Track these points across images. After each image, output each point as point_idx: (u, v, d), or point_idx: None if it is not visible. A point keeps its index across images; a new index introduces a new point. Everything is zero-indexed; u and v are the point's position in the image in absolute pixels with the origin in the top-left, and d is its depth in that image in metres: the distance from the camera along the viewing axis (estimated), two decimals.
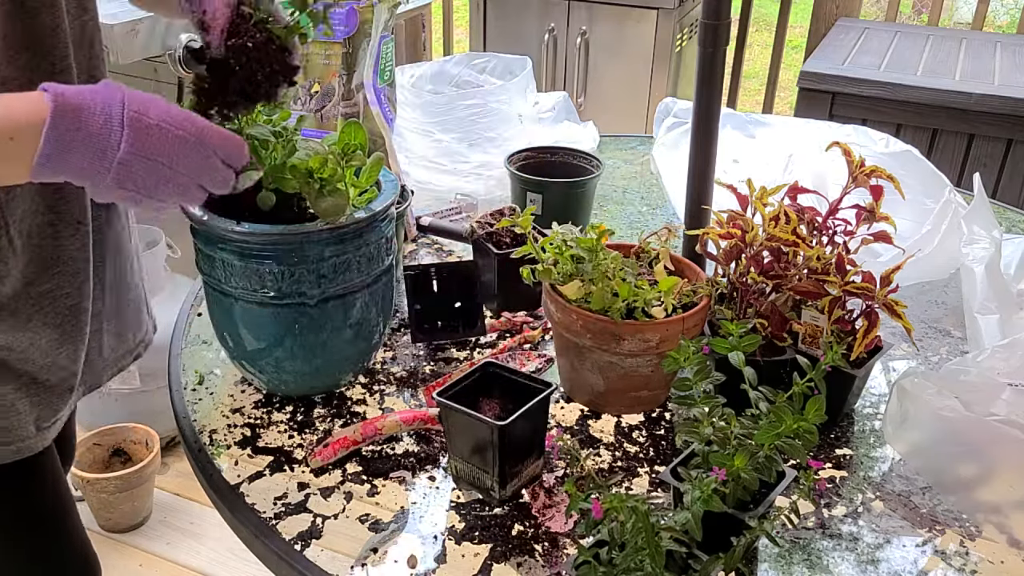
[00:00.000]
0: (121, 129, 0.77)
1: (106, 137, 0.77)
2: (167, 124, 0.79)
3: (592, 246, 1.07)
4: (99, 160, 0.77)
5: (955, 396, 1.00)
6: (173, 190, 0.81)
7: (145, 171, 0.79)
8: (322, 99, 1.46)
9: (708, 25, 1.19)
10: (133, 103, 0.78)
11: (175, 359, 1.23)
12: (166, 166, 0.80)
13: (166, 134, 0.79)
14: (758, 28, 6.32)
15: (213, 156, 0.82)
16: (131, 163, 0.78)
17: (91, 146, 0.77)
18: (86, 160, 0.77)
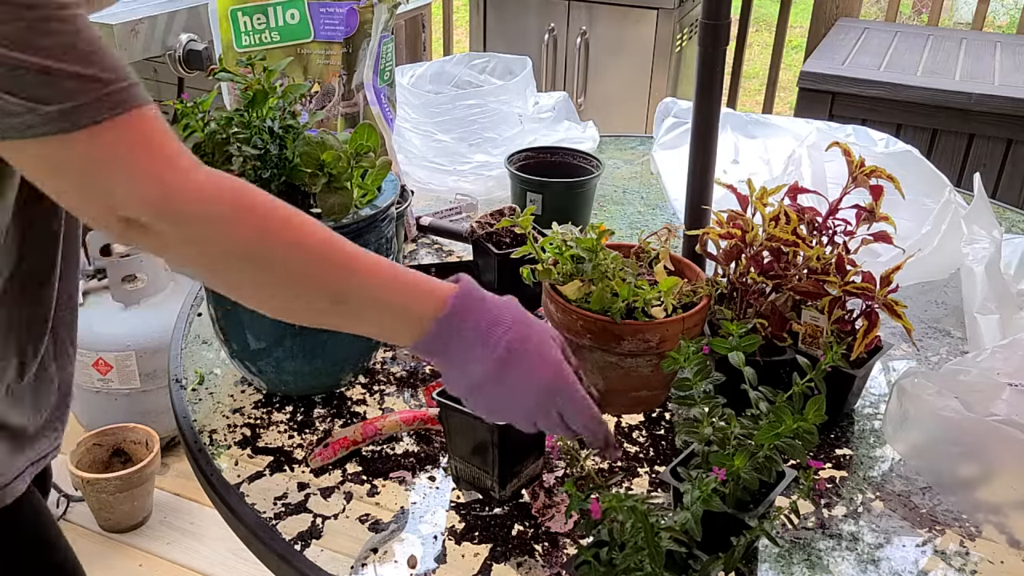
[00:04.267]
0: (494, 349, 0.81)
1: (477, 348, 0.81)
2: (533, 363, 0.82)
3: (592, 246, 1.07)
4: (461, 366, 0.82)
5: (955, 396, 1.00)
6: (511, 414, 0.85)
7: (491, 394, 0.83)
8: (322, 99, 1.46)
9: (708, 25, 1.18)
10: (519, 327, 0.82)
11: (175, 359, 1.23)
12: (510, 398, 0.83)
13: (526, 371, 0.82)
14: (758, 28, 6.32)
15: (554, 410, 0.84)
16: (485, 381, 0.82)
17: (463, 351, 0.82)
18: (455, 360, 0.82)
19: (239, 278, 0.79)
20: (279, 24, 1.42)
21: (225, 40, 1.44)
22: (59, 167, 0.72)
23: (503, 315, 0.82)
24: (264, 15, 1.41)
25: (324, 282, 0.79)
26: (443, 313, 0.80)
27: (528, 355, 0.82)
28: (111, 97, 0.70)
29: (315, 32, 1.43)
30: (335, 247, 0.79)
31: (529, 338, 0.82)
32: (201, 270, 0.80)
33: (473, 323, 0.81)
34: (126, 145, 0.71)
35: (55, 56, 0.67)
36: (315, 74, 1.45)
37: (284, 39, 1.43)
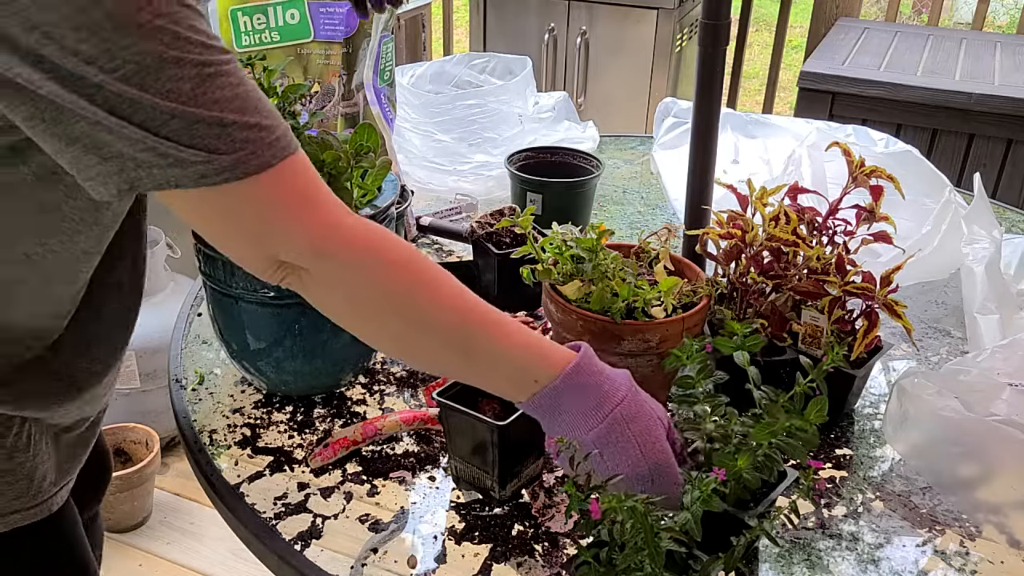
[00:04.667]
0: (601, 422, 0.83)
1: (585, 419, 0.83)
2: (638, 442, 0.84)
3: (592, 246, 1.07)
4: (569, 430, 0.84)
5: (955, 396, 1.00)
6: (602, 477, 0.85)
7: (590, 461, 0.84)
8: (322, 99, 1.46)
9: (708, 25, 1.18)
10: (629, 406, 0.84)
11: (175, 359, 1.23)
12: (609, 469, 0.84)
13: (629, 448, 0.84)
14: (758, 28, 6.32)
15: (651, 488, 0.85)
16: (586, 448, 0.83)
17: (571, 420, 0.84)
18: (560, 426, 0.84)
19: (381, 326, 0.83)
20: (279, 24, 1.42)
21: (225, 40, 1.44)
22: (223, 213, 0.75)
23: (616, 390, 0.84)
24: (264, 15, 1.41)
25: (458, 339, 0.83)
26: (559, 378, 0.83)
27: (633, 435, 0.84)
28: (277, 143, 0.73)
29: (315, 32, 1.43)
30: (471, 306, 0.83)
31: (638, 417, 0.84)
32: (346, 315, 0.84)
33: (583, 392, 0.83)
34: (288, 191, 0.75)
35: (228, 108, 0.70)
36: (315, 74, 1.45)
37: (284, 39, 1.43)
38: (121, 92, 0.66)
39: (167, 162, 0.69)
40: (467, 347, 0.83)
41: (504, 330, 0.84)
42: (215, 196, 0.72)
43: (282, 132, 0.74)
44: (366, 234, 0.80)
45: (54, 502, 1.01)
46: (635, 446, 0.84)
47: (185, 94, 0.67)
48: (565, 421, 0.84)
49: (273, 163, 0.73)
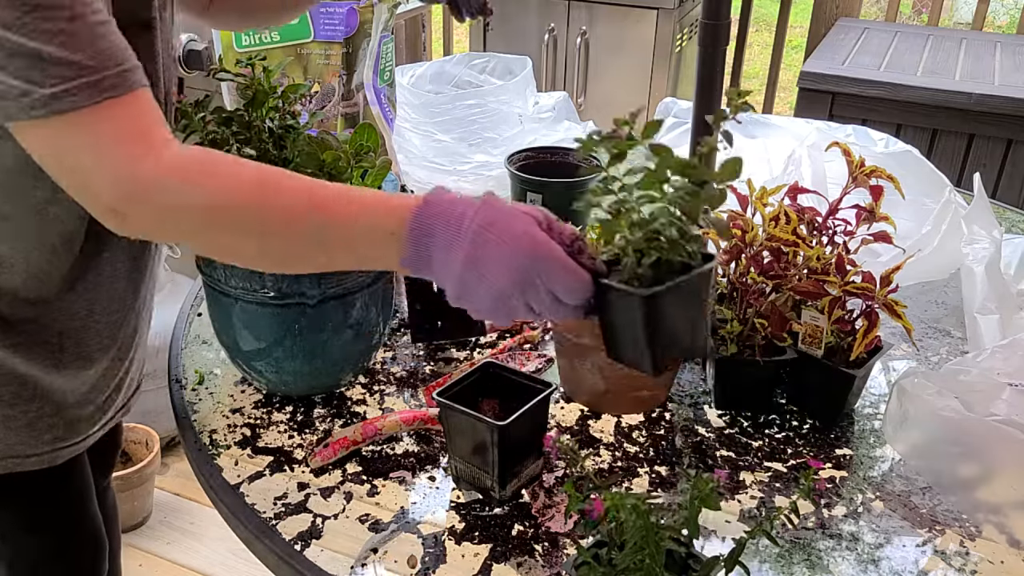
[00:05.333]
0: (464, 242, 0.80)
1: (450, 247, 0.80)
2: (503, 240, 0.80)
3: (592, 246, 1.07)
4: (445, 269, 0.81)
5: (955, 396, 1.00)
6: (496, 302, 0.81)
7: (474, 282, 0.80)
8: (322, 99, 1.46)
9: (708, 25, 1.19)
10: (484, 214, 0.80)
11: (175, 359, 1.23)
12: (490, 281, 0.80)
13: (498, 249, 0.79)
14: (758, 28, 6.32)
15: (541, 285, 0.80)
16: (464, 275, 0.80)
17: (440, 256, 0.80)
18: (437, 268, 0.81)
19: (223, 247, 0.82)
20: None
21: (225, 40, 1.44)
22: (50, 151, 0.76)
23: (466, 209, 0.80)
24: None
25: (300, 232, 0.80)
26: (411, 222, 0.79)
27: (499, 238, 0.79)
28: (98, 84, 0.73)
29: (315, 32, 1.43)
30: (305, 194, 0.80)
31: (495, 221, 0.80)
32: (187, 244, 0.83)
33: (442, 223, 0.79)
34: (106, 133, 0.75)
35: (51, 42, 0.70)
36: (315, 74, 1.45)
37: (284, 39, 1.43)
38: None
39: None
40: (313, 237, 0.81)
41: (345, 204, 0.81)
42: (42, 132, 0.73)
43: (110, 74, 0.74)
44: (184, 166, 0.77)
45: (57, 456, 1.02)
46: (503, 246, 0.79)
47: (9, 21, 0.69)
48: (437, 264, 0.80)
49: (86, 104, 0.73)
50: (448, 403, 0.95)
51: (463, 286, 0.81)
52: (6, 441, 0.98)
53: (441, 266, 0.80)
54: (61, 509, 1.12)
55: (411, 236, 0.80)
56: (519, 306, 0.81)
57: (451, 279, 0.81)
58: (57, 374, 0.99)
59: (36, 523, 1.11)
